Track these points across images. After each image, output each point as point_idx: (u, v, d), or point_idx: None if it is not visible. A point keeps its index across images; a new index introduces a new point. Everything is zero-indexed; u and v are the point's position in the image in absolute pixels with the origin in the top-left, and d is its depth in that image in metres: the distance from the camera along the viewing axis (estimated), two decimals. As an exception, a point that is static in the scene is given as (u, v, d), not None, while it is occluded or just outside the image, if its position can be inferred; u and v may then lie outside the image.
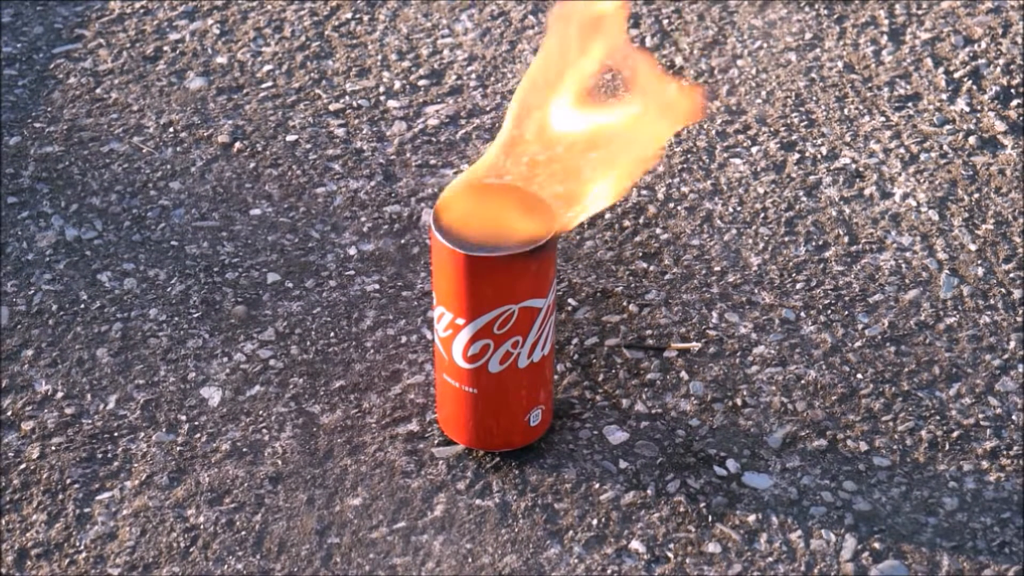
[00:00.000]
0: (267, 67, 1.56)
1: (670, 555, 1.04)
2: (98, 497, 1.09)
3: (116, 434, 1.14)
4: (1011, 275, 1.29)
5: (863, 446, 1.12)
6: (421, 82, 1.54)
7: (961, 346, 1.22)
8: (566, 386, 1.17)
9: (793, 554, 1.04)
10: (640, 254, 1.31)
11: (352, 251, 1.32)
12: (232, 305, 1.26)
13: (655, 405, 1.16)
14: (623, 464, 1.11)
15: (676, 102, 1.10)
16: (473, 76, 1.55)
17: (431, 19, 1.64)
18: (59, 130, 1.47)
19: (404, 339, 1.22)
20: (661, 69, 1.16)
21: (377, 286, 1.28)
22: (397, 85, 1.53)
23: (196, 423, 1.15)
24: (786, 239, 1.33)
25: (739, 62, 1.58)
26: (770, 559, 1.04)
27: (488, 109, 1.50)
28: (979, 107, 1.50)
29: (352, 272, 1.30)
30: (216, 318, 1.25)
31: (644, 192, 1.38)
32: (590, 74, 1.07)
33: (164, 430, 1.14)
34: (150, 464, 1.11)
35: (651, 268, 1.30)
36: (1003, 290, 1.27)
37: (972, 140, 1.46)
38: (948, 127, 1.47)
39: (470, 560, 1.04)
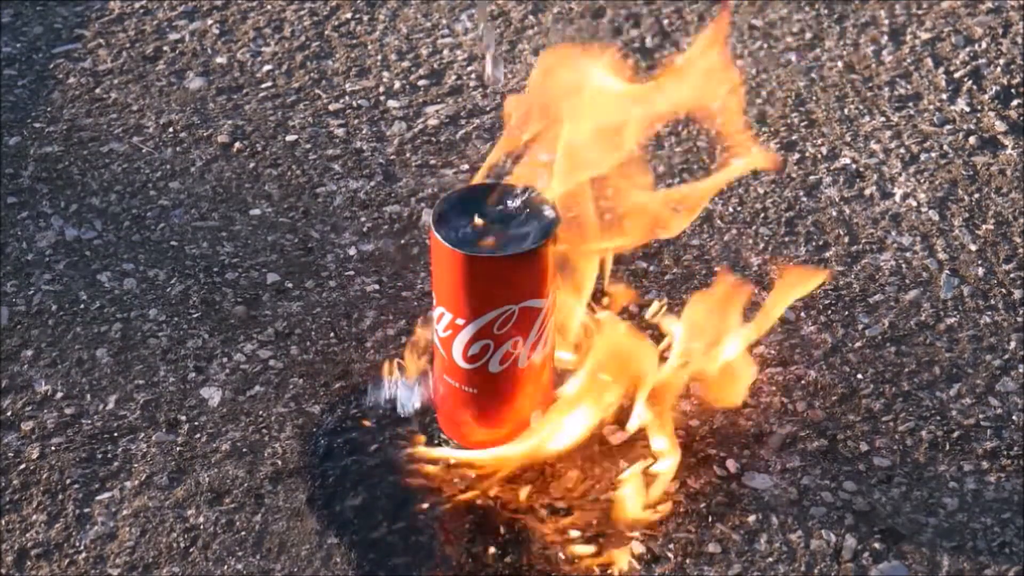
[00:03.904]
0: (267, 67, 1.56)
1: (670, 555, 1.04)
2: (98, 497, 1.09)
3: (116, 434, 1.14)
4: (1011, 275, 1.29)
5: (863, 446, 1.12)
6: (421, 82, 1.54)
7: (961, 346, 1.22)
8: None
9: (793, 554, 1.04)
10: (640, 254, 1.31)
11: (352, 251, 1.32)
12: (232, 305, 1.26)
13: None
14: (623, 464, 1.11)
15: None
16: (473, 76, 1.55)
17: (431, 19, 1.64)
18: (59, 130, 1.47)
19: (404, 339, 1.22)
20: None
21: (377, 286, 1.28)
22: (397, 85, 1.53)
23: (196, 423, 1.15)
24: (786, 239, 1.33)
25: (739, 62, 1.57)
26: (770, 559, 1.04)
27: (488, 109, 1.50)
28: (979, 107, 1.50)
29: (352, 272, 1.30)
30: (216, 318, 1.25)
31: (644, 192, 1.38)
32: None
33: (164, 430, 1.14)
34: (150, 464, 1.11)
35: (651, 268, 1.30)
36: (1003, 290, 1.27)
37: (972, 140, 1.46)
38: (948, 127, 1.47)
39: (470, 560, 1.03)
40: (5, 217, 1.35)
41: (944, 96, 1.52)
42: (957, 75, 1.55)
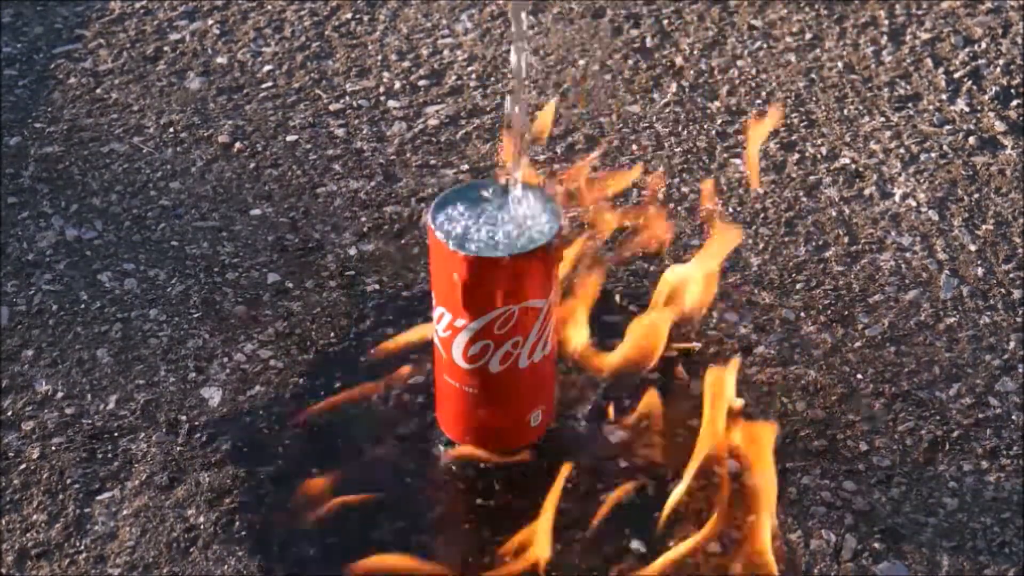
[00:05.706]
0: (267, 67, 1.56)
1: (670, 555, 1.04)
2: (98, 497, 1.09)
3: (116, 434, 1.14)
4: (1011, 275, 1.29)
5: (863, 446, 1.12)
6: (421, 82, 1.54)
7: (961, 346, 1.22)
8: (567, 385, 1.17)
9: (793, 554, 1.04)
10: (640, 254, 1.31)
11: (352, 251, 1.32)
12: (232, 305, 1.26)
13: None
14: (623, 464, 1.11)
15: None
16: (473, 76, 1.55)
17: (431, 19, 1.64)
18: (59, 130, 1.47)
19: (404, 339, 1.22)
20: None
21: (377, 286, 1.28)
22: (397, 85, 1.54)
23: (196, 423, 1.15)
24: (786, 239, 1.33)
25: (739, 62, 1.58)
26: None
27: (488, 109, 1.50)
28: (979, 107, 1.50)
29: (352, 272, 1.30)
30: (216, 318, 1.25)
31: (644, 192, 1.38)
32: None
33: (164, 430, 1.14)
34: (150, 464, 1.11)
35: (651, 268, 1.30)
36: (1003, 290, 1.27)
37: (972, 140, 1.46)
38: (948, 127, 1.47)
39: (469, 559, 1.04)
40: (5, 217, 1.36)
41: (944, 96, 1.52)
42: (957, 75, 1.55)
